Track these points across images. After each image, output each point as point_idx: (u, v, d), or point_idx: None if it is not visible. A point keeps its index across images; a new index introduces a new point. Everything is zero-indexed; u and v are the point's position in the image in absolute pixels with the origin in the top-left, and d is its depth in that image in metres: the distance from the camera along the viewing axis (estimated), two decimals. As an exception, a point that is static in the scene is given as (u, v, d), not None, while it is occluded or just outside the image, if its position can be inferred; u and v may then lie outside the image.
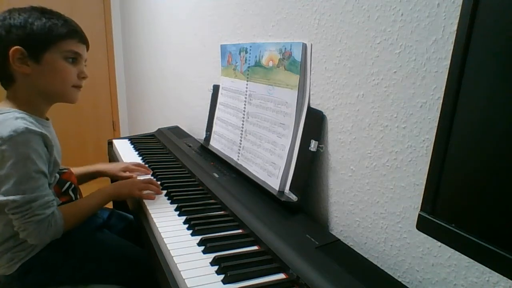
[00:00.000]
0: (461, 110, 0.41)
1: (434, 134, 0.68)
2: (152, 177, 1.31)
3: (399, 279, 0.78)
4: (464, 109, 0.40)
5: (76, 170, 1.31)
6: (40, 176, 0.95)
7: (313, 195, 1.03)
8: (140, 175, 1.35)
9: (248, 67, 1.28)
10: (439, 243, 0.68)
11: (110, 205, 1.74)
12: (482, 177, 0.39)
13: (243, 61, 1.32)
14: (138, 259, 1.16)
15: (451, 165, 0.41)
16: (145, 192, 1.15)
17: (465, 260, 0.63)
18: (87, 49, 1.12)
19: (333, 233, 0.97)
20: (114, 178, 1.38)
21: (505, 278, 0.55)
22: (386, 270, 0.77)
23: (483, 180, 0.39)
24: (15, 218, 0.92)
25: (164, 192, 1.18)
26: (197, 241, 0.89)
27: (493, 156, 0.39)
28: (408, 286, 0.72)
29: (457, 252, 0.64)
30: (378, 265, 0.80)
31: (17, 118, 0.95)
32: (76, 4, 3.40)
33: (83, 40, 1.09)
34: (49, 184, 1.01)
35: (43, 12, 1.03)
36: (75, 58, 1.07)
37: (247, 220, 0.96)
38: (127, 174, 1.34)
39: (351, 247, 0.86)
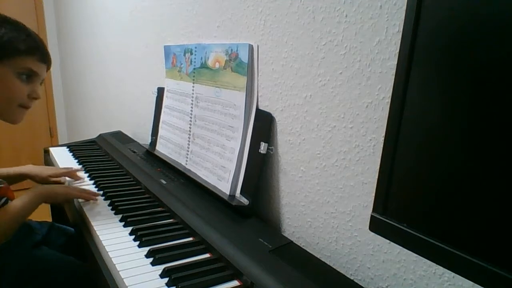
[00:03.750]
0: (409, 108, 0.41)
1: (380, 133, 0.70)
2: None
3: (352, 277, 0.79)
4: (411, 108, 0.41)
5: None
6: None
7: (265, 197, 1.02)
8: (73, 181, 1.27)
9: (194, 68, 1.25)
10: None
11: (49, 218, 1.62)
12: (430, 177, 0.40)
13: (188, 62, 1.28)
14: (81, 275, 1.09)
15: (401, 165, 0.42)
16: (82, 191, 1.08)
17: (413, 255, 0.65)
18: (48, 69, 1.04)
19: (286, 234, 0.96)
20: (44, 182, 1.28)
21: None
22: (338, 269, 0.78)
23: (431, 179, 0.40)
24: None
25: (108, 202, 1.11)
26: (145, 252, 0.84)
27: (441, 156, 0.39)
28: (360, 283, 0.73)
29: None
30: (331, 265, 0.80)
31: None
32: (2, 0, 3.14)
33: (45, 60, 1.01)
34: None
35: (6, 21, 0.94)
36: (30, 76, 0.98)
37: (197, 227, 0.93)
38: (55, 179, 1.25)
39: (304, 248, 0.86)
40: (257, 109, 1.00)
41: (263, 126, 0.98)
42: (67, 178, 1.30)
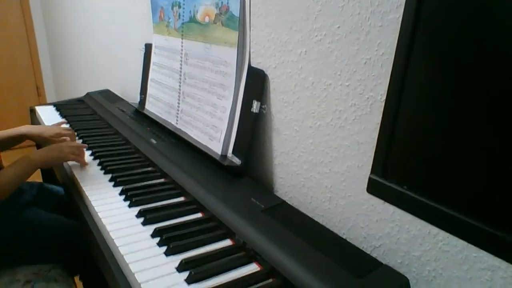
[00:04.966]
0: (414, 65, 0.38)
1: (379, 91, 0.67)
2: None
3: (344, 237, 0.79)
4: (417, 64, 0.38)
5: None
6: None
7: (257, 157, 1.01)
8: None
9: (183, 23, 1.19)
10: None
11: (39, 178, 1.60)
12: (434, 138, 0.38)
13: (176, 16, 1.22)
14: (72, 235, 1.08)
15: (403, 126, 0.39)
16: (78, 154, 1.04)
17: (407, 215, 0.64)
18: None
19: (278, 194, 0.96)
20: (43, 144, 1.22)
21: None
22: (331, 229, 0.78)
23: (435, 141, 0.38)
24: None
25: (97, 162, 1.09)
26: (136, 212, 0.83)
27: (446, 118, 0.37)
28: (353, 242, 0.73)
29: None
30: (323, 224, 0.80)
31: None
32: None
33: None
34: None
35: None
36: None
37: (189, 187, 0.91)
38: (61, 139, 1.19)
39: (297, 207, 0.85)
40: (249, 67, 0.96)
41: (256, 84, 0.94)
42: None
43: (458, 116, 0.37)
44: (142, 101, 1.48)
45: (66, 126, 1.41)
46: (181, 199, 0.91)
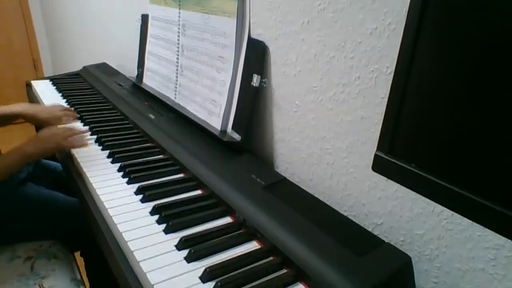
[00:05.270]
0: (425, 34, 0.35)
1: (384, 63, 0.64)
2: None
3: (345, 213, 0.78)
4: (428, 33, 0.35)
5: None
6: None
7: (257, 133, 0.98)
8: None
9: (180, -8, 1.14)
10: (386, 177, 0.67)
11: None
12: (444, 113, 0.35)
13: (173, -15, 1.17)
14: (71, 211, 1.07)
15: (412, 100, 0.37)
16: (73, 138, 1.01)
17: (411, 193, 0.63)
18: None
19: (279, 171, 0.94)
20: (38, 124, 1.19)
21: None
22: (332, 205, 0.76)
23: (444, 116, 0.35)
24: None
25: (94, 137, 1.07)
26: (134, 189, 0.82)
27: (456, 92, 0.34)
28: (354, 220, 0.72)
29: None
30: (325, 201, 0.78)
31: None
32: None
33: None
34: None
35: None
36: None
37: (188, 163, 0.90)
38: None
39: (298, 184, 0.84)
40: (249, 38, 0.93)
41: (256, 56, 0.91)
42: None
43: (470, 91, 0.35)
44: (140, 75, 1.44)
45: (64, 105, 1.37)
46: (181, 175, 0.90)
